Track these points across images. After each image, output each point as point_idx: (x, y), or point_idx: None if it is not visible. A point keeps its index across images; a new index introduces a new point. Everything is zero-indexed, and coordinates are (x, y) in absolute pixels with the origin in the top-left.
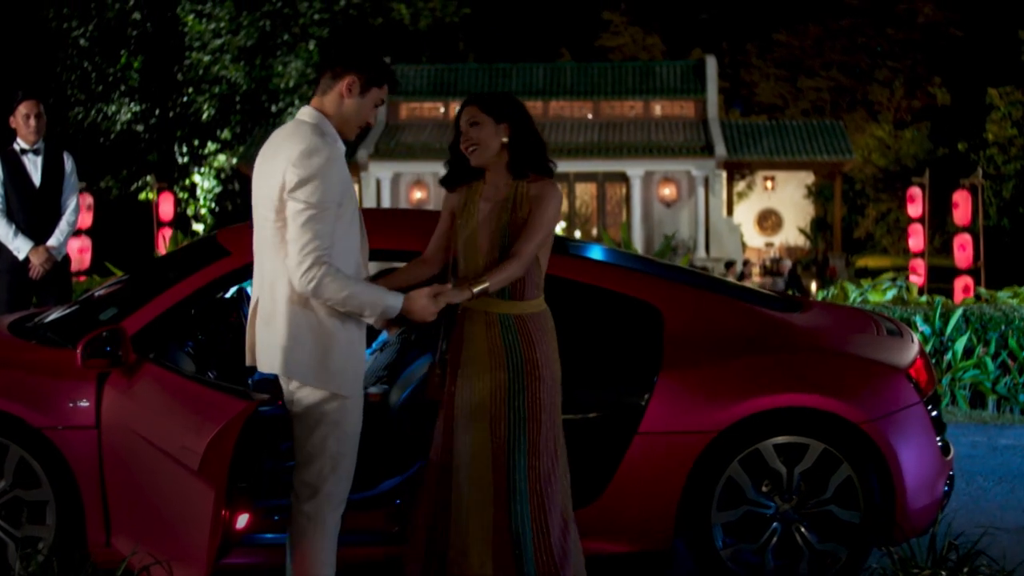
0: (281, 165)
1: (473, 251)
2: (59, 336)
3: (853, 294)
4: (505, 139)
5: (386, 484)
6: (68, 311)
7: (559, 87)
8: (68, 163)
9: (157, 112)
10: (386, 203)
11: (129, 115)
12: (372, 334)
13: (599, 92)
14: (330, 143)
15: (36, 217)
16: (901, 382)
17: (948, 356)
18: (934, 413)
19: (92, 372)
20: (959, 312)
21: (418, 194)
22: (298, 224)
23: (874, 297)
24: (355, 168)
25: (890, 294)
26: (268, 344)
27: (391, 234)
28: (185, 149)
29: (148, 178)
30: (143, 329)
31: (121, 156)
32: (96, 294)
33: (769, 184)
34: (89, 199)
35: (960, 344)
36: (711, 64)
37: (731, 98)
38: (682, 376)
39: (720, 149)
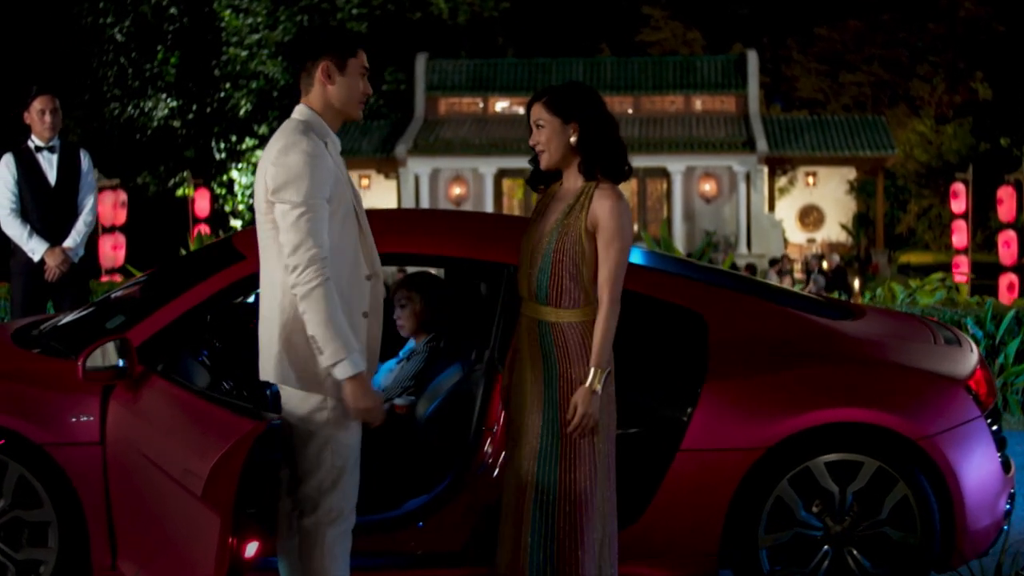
0: (264, 166)
1: (527, 249)
2: (64, 345)
3: (901, 295)
4: (574, 139)
5: (411, 503)
6: (75, 318)
7: (599, 82)
8: (85, 161)
9: (194, 108)
10: (424, 199)
11: (166, 111)
12: (399, 343)
13: (639, 87)
14: (313, 138)
15: (52, 217)
16: (960, 395)
17: (1000, 359)
18: (995, 427)
19: (96, 385)
20: (1011, 314)
21: (457, 190)
22: (288, 225)
23: (923, 299)
24: (393, 164)
25: (939, 295)
26: (263, 350)
27: (414, 236)
28: (222, 145)
29: (185, 174)
30: (151, 339)
31: (158, 152)
32: (113, 296)
33: (811, 180)
34: (123, 196)
35: (1013, 347)
36: (752, 59)
37: (771, 93)
38: (728, 389)
39: (762, 144)
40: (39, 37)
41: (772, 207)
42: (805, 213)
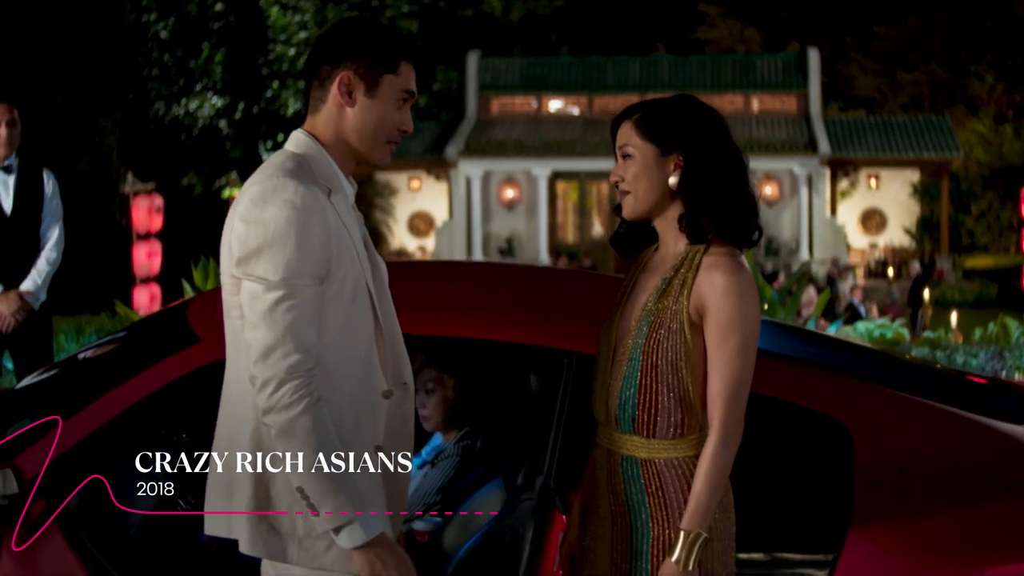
0: (231, 224)
1: (605, 348)
2: None
3: (1015, 333)
4: (675, 180)
5: None
6: None
7: (656, 81)
8: (49, 183)
9: (240, 107)
10: (476, 201)
11: (212, 110)
12: (419, 438)
13: (697, 86)
14: (307, 183)
15: (7, 253)
16: None
17: None
18: None
19: None
20: None
21: (510, 192)
22: (258, 315)
23: None
24: (444, 165)
25: None
26: (216, 491)
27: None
28: (269, 145)
29: (232, 175)
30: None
31: (203, 153)
32: (80, 356)
33: (873, 182)
34: (159, 201)
35: None
36: (813, 57)
37: (827, 92)
38: (883, 534)
39: (824, 146)
40: (82, 36)
41: (834, 211)
42: (867, 217)
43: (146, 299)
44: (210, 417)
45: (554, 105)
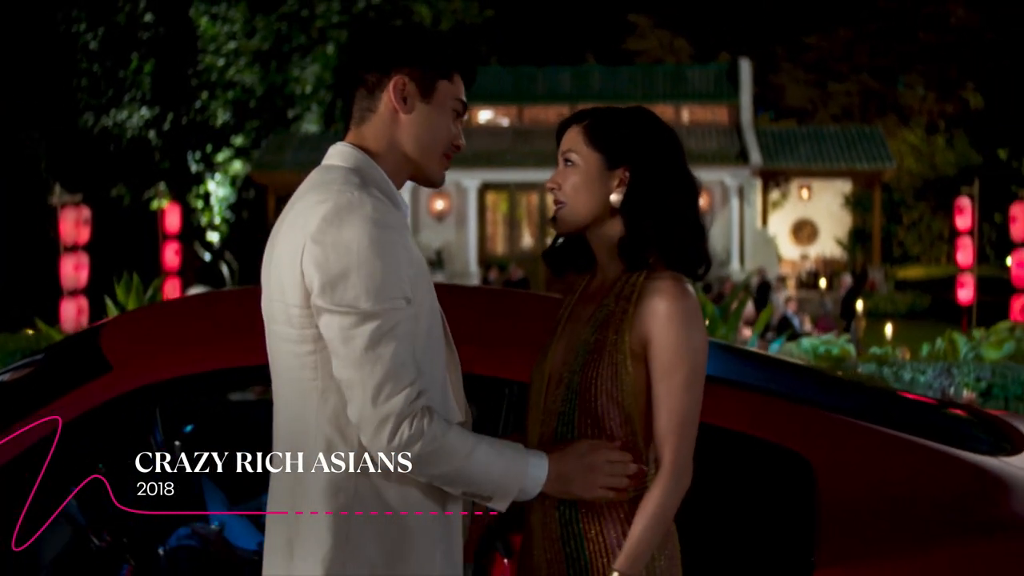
0: (296, 246)
1: (538, 382)
2: None
3: (963, 349)
4: (617, 197)
5: None
6: None
7: (586, 92)
8: None
9: (169, 117)
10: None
11: (141, 121)
12: None
13: (628, 97)
14: (379, 197)
15: None
16: None
17: None
18: None
19: None
20: None
21: (439, 204)
22: (357, 352)
23: (989, 352)
24: None
25: (1007, 347)
26: (282, 562)
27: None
28: (198, 156)
29: (162, 186)
30: None
31: (132, 164)
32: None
33: (805, 193)
34: (86, 213)
35: None
36: (745, 67)
37: (757, 102)
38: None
39: (755, 157)
40: (9, 45)
41: (765, 221)
42: (799, 228)
43: (73, 312)
44: (125, 446)
45: (484, 116)
